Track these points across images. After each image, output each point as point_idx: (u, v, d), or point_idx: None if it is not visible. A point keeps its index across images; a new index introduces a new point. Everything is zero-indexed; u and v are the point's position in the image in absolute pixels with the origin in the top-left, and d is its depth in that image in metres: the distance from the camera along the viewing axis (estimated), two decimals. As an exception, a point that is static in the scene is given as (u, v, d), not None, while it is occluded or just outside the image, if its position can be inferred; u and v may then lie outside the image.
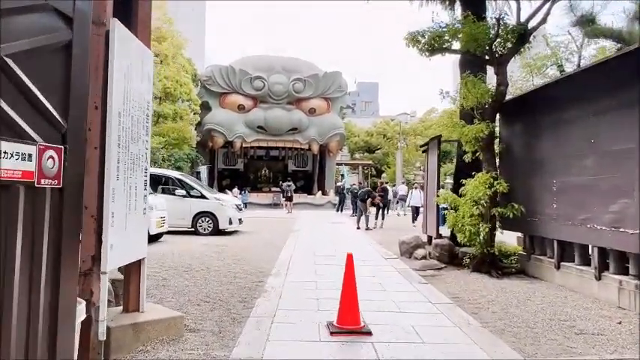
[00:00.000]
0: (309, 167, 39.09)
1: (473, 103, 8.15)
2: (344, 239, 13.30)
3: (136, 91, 3.97)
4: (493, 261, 8.08)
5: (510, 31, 7.91)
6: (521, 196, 7.90)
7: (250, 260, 9.16)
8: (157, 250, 10.12)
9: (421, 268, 8.70)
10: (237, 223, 14.42)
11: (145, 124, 4.19)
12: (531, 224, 7.76)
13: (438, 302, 5.98)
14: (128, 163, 3.82)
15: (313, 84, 32.57)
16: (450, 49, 8.98)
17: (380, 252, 10.84)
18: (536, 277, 7.67)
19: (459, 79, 8.92)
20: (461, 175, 9.77)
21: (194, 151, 31.74)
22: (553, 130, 7.13)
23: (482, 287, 7.01)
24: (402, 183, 32.37)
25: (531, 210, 7.68)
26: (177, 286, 6.52)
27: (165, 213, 12.14)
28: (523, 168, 8.05)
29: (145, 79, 4.17)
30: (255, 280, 7.22)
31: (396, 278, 7.63)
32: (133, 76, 3.90)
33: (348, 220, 21.21)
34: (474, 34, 7.94)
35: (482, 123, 7.98)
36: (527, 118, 7.93)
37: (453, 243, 9.24)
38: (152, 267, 7.93)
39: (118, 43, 3.60)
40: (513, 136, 8.40)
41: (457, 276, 7.96)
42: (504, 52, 8.05)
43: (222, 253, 10.10)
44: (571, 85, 6.80)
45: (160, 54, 20.15)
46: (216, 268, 8.05)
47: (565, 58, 17.72)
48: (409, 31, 9.00)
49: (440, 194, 9.06)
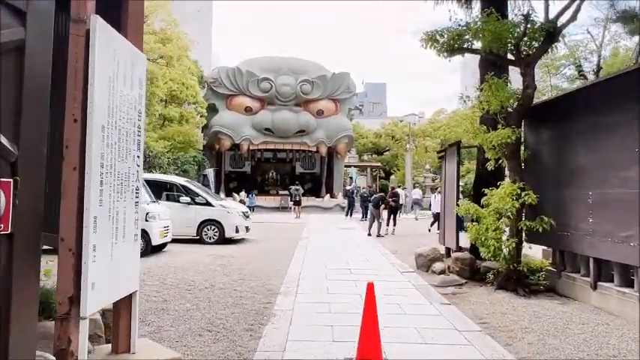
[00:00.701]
0: (317, 169, 38.55)
1: (497, 107, 7.54)
2: (356, 249, 12.71)
3: (125, 100, 3.42)
4: (519, 278, 7.46)
5: (538, 29, 7.29)
6: (550, 209, 7.28)
7: (258, 275, 8.60)
8: (159, 263, 9.60)
9: (441, 284, 8.10)
10: (244, 231, 13.88)
11: (137, 138, 3.64)
12: (562, 239, 7.14)
13: (466, 329, 5.38)
14: (115, 185, 3.27)
15: (321, 85, 32.04)
16: (470, 49, 8.38)
17: (395, 264, 10.24)
18: (568, 297, 7.04)
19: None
20: (481, 183, 9.16)
21: (200, 154, 31.30)
22: (590, 137, 6.50)
23: (510, 309, 6.39)
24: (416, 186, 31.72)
25: (562, 224, 7.06)
26: (177, 310, 5.97)
27: (169, 222, 11.64)
28: (552, 177, 7.43)
29: (135, 86, 3.62)
30: (262, 300, 6.66)
31: (415, 297, 7.04)
32: (121, 83, 3.35)
33: (357, 226, 20.62)
34: (498, 32, 7.33)
35: (508, 129, 7.37)
36: (558, 124, 7.30)
37: (474, 256, 8.63)
38: (153, 285, 7.40)
39: (101, 43, 3.05)
40: (541, 142, 7.77)
41: (481, 294, 7.35)
42: (532, 51, 7.43)
43: (228, 266, 9.56)
44: (613, 88, 6.17)
45: (165, 56, 19.69)
46: (221, 286, 7.50)
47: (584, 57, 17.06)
48: (426, 31, 8.41)
49: (460, 204, 8.45)
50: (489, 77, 7.55)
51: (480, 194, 8.45)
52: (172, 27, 21.02)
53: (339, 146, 33.10)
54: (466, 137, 9.27)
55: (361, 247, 13.02)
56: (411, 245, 13.62)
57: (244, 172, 38.00)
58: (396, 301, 6.74)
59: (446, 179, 10.07)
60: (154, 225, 10.71)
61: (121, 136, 3.36)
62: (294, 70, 32.10)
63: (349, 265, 9.84)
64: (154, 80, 19.94)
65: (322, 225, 20.88)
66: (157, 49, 18.97)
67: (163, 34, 19.99)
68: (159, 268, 8.97)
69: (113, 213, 3.26)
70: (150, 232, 10.54)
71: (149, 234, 10.52)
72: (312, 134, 32.22)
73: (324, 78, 32.21)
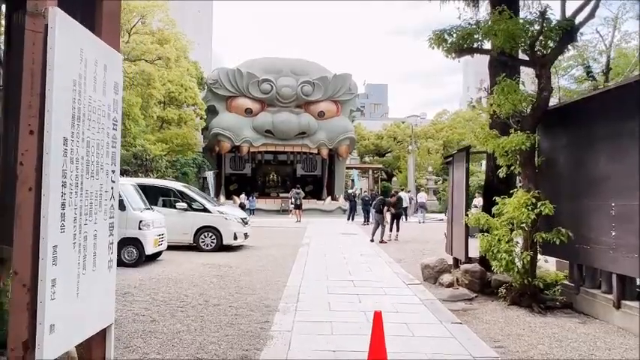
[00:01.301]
0: (318, 172, 38.13)
1: (510, 111, 7.07)
2: (358, 257, 12.22)
3: (95, 107, 2.96)
4: (534, 293, 6.97)
5: (555, 27, 6.81)
6: (567, 220, 6.79)
7: (255, 288, 8.14)
8: (152, 274, 9.14)
9: (449, 299, 7.62)
10: (243, 238, 13.41)
11: (111, 150, 3.17)
12: (581, 252, 6.66)
13: (481, 355, 4.91)
14: (82, 206, 2.81)
15: (322, 86, 31.59)
16: (480, 49, 7.92)
17: (399, 274, 9.76)
18: (588, 315, 6.55)
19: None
20: (491, 191, 8.69)
21: (200, 157, 30.88)
22: (613, 143, 6.02)
23: (527, 330, 5.91)
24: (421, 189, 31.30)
25: (581, 236, 6.57)
26: (166, 332, 5.49)
27: (164, 230, 11.17)
28: (570, 186, 6.95)
29: (109, 91, 3.16)
30: (259, 318, 6.19)
31: (424, 315, 6.56)
32: (89, 87, 2.89)
33: (360, 230, 20.14)
34: (511, 31, 6.86)
35: (522, 134, 6.89)
36: (577, 128, 6.82)
37: (484, 268, 8.15)
38: (142, 301, 6.94)
39: (64, 40, 2.59)
40: (557, 148, 7.29)
41: (493, 311, 6.87)
42: (547, 51, 6.95)
43: (225, 277, 9.09)
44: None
45: (163, 57, 19.25)
46: (215, 302, 7.03)
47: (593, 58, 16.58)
48: (434, 30, 7.95)
49: (471, 214, 7.97)
50: (502, 79, 7.07)
51: (490, 203, 7.98)
52: (170, 27, 20.57)
53: (341, 148, 32.66)
54: (476, 142, 8.79)
55: (364, 255, 12.54)
56: (415, 253, 13.17)
57: (244, 174, 37.59)
58: (402, 319, 6.26)
59: (454, 186, 9.59)
60: (148, 233, 10.24)
61: (90, 150, 2.89)
62: (295, 72, 31.66)
63: (352, 276, 9.37)
64: (152, 82, 19.50)
65: (323, 230, 20.41)
66: (155, 50, 18.53)
67: (161, 35, 19.54)
68: (151, 281, 8.51)
69: (80, 239, 2.79)
70: (143, 240, 10.08)
71: (142, 243, 10.06)
72: (313, 136, 31.79)
73: (326, 79, 31.76)
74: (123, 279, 8.55)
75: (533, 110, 7.02)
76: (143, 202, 11.03)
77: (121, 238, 10.02)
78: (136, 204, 10.55)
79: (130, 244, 10.04)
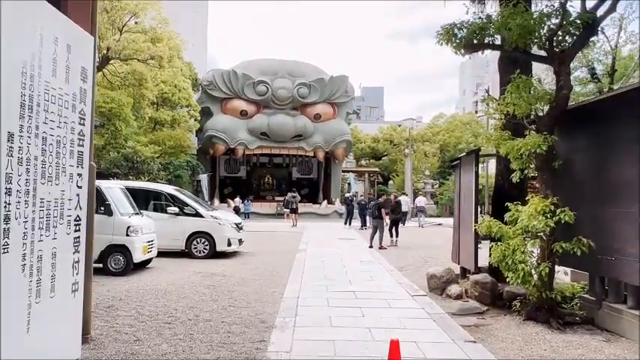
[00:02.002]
0: (314, 175, 37.64)
1: (525, 111, 6.56)
2: (358, 264, 11.67)
3: (55, 96, 2.41)
4: (552, 307, 6.46)
5: (574, 21, 6.32)
6: (588, 228, 6.28)
7: (250, 300, 7.57)
8: (140, 284, 8.55)
9: (459, 313, 7.09)
10: (237, 245, 12.83)
11: (77, 149, 2.62)
12: (604, 264, 6.14)
13: (503, 382, 4.38)
14: (35, 219, 2.25)
15: (319, 89, 31.10)
16: (492, 44, 7.42)
17: (403, 283, 9.22)
18: (611, 332, 6.03)
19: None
20: (502, 196, 8.18)
21: (194, 159, 30.26)
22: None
23: (549, 350, 5.39)
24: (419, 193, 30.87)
25: (604, 246, 6.06)
26: (151, 354, 4.91)
27: (154, 236, 10.58)
28: (591, 192, 6.44)
29: (74, 77, 2.60)
30: (255, 337, 5.63)
31: (434, 332, 6.02)
32: (47, 72, 2.33)
33: (358, 236, 19.59)
34: (527, 25, 6.35)
35: (539, 135, 6.39)
36: (599, 129, 6.31)
37: (495, 279, 7.63)
38: (127, 316, 6.36)
39: (10, 13, 2.04)
40: (577, 151, 6.78)
41: (508, 327, 6.35)
42: (566, 47, 6.45)
43: (218, 287, 8.52)
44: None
45: (156, 56, 18.67)
46: (207, 317, 6.46)
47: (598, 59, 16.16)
48: (443, 25, 7.44)
49: (482, 221, 7.44)
50: (517, 75, 6.56)
51: (501, 209, 7.45)
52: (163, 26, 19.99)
53: (337, 151, 32.18)
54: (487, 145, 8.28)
55: (364, 263, 11.99)
56: (417, 260, 12.64)
57: (239, 177, 37.04)
58: (411, 336, 5.72)
59: (461, 191, 9.08)
60: (136, 240, 9.65)
61: (46, 147, 2.34)
62: (291, 73, 31.15)
63: (353, 286, 8.83)
64: (144, 82, 18.90)
65: (320, 235, 19.84)
66: (147, 48, 17.95)
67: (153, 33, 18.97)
68: (138, 292, 7.92)
69: (31, 260, 2.23)
70: (131, 247, 9.49)
71: (130, 250, 9.46)
72: (310, 139, 31.30)
73: (322, 81, 31.26)
74: (108, 290, 7.97)
75: (551, 109, 6.51)
76: (132, 206, 10.45)
77: (108, 245, 9.46)
78: (123, 208, 9.95)
79: (117, 251, 9.44)
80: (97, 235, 9.28)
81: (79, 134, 2.67)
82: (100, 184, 9.99)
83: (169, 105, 25.70)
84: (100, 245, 9.35)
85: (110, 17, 17.47)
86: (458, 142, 46.56)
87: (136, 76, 18.53)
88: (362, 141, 49.40)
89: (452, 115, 56.36)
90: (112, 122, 18.02)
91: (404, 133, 46.12)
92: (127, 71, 18.98)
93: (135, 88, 19.00)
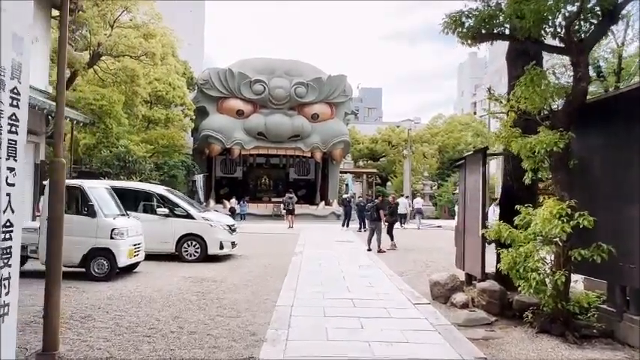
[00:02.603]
0: (311, 176, 37.14)
1: (540, 105, 6.04)
2: (356, 269, 11.13)
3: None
4: (567, 319, 5.94)
5: (593, 7, 5.81)
6: (606, 233, 5.76)
7: (240, 309, 7.03)
8: (123, 291, 8.00)
9: (466, 324, 6.55)
10: (230, 247, 12.28)
11: (6, 136, 2.08)
12: (625, 272, 5.62)
13: (522, 409, 3.85)
14: None
15: (316, 88, 30.59)
16: (502, 34, 6.91)
17: (404, 290, 8.69)
18: (633, 347, 5.51)
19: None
20: (510, 198, 7.67)
21: (190, 159, 29.71)
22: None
23: (568, 368, 4.87)
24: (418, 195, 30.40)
25: (626, 253, 5.55)
26: (123, 374, 4.38)
27: (141, 238, 10.02)
28: (610, 194, 5.92)
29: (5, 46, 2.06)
30: (242, 352, 5.08)
31: (440, 347, 5.48)
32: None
33: (356, 238, 19.05)
34: (542, 12, 5.84)
35: (555, 132, 5.87)
36: (621, 126, 5.78)
37: (504, 287, 7.10)
38: (103, 328, 5.80)
39: None
40: (595, 149, 6.25)
41: (521, 340, 5.82)
42: (585, 35, 5.94)
43: (206, 294, 7.98)
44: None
45: (149, 53, 18.13)
46: (192, 328, 5.91)
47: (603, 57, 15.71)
48: (448, 13, 6.94)
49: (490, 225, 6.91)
50: (531, 67, 6.04)
51: (511, 212, 6.93)
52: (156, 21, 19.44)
53: (335, 152, 31.67)
54: (498, 143, 7.77)
55: (363, 267, 11.45)
56: (418, 264, 12.12)
57: (236, 177, 36.50)
58: (415, 352, 5.20)
59: (466, 192, 8.56)
60: (121, 243, 9.08)
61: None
62: (288, 73, 30.65)
63: (351, 294, 8.29)
64: (136, 79, 18.34)
65: (317, 237, 19.30)
66: (139, 44, 17.39)
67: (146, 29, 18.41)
68: (120, 299, 7.37)
69: None
70: (115, 251, 8.92)
71: (114, 254, 8.90)
72: (307, 139, 30.79)
73: (320, 81, 30.75)
74: (87, 297, 7.42)
75: (568, 104, 6.00)
76: (118, 207, 9.89)
77: (90, 249, 8.91)
78: (108, 210, 9.40)
79: (101, 255, 8.88)
80: (80, 238, 8.83)
81: (12, 118, 2.13)
82: (83, 184, 9.47)
83: (163, 103, 25.14)
84: (82, 249, 8.83)
85: (101, 11, 16.91)
86: (457, 143, 46.13)
87: (128, 72, 17.96)
88: (360, 142, 48.91)
89: (450, 116, 55.91)
90: (103, 120, 17.45)
91: (402, 134, 45.60)
92: (118, 68, 18.43)
93: (127, 85, 18.44)
